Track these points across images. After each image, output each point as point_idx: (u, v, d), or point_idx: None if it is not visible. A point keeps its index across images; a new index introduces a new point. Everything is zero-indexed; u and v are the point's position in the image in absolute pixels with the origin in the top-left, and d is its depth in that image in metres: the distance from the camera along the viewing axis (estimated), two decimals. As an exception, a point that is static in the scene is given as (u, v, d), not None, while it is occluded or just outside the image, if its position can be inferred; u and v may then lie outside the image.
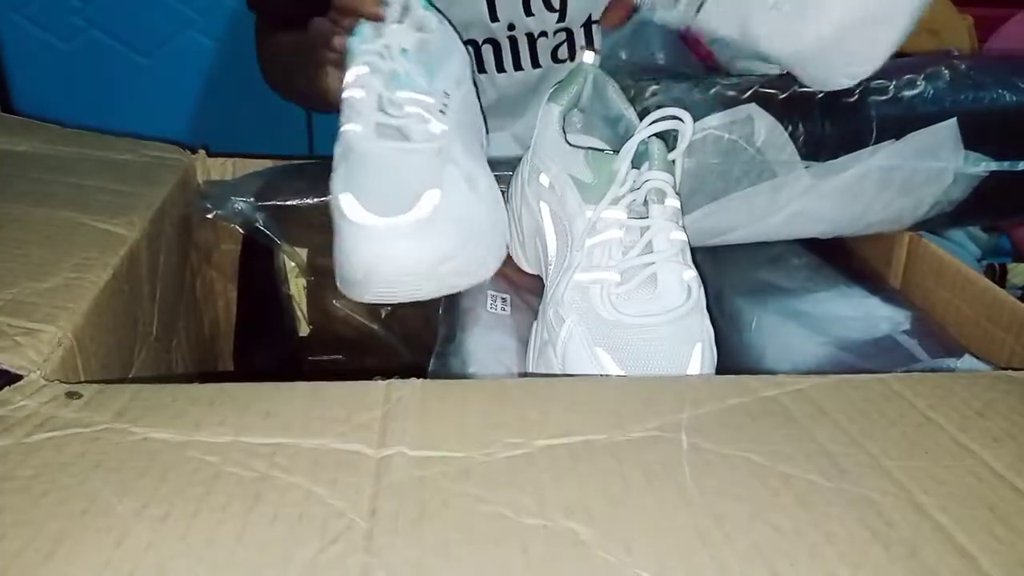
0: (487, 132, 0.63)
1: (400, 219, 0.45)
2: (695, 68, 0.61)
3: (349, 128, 0.50)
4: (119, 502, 0.27)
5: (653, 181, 0.46)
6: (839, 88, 0.53)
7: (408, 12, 0.56)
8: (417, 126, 0.51)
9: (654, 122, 0.47)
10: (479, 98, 0.63)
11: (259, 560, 0.25)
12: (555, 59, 0.84)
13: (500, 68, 0.85)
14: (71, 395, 0.33)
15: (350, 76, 0.52)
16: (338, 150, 0.50)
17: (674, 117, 0.47)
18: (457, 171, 0.50)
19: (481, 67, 0.85)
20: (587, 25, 0.83)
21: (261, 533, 0.26)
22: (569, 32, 0.83)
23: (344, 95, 0.52)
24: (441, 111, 0.53)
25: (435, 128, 0.51)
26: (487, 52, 0.84)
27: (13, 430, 0.31)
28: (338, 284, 0.50)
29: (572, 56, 0.85)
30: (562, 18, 0.81)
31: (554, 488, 0.29)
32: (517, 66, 0.85)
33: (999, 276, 0.83)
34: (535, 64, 0.85)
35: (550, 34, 0.82)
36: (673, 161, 0.48)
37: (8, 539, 0.25)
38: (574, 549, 0.26)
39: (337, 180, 0.48)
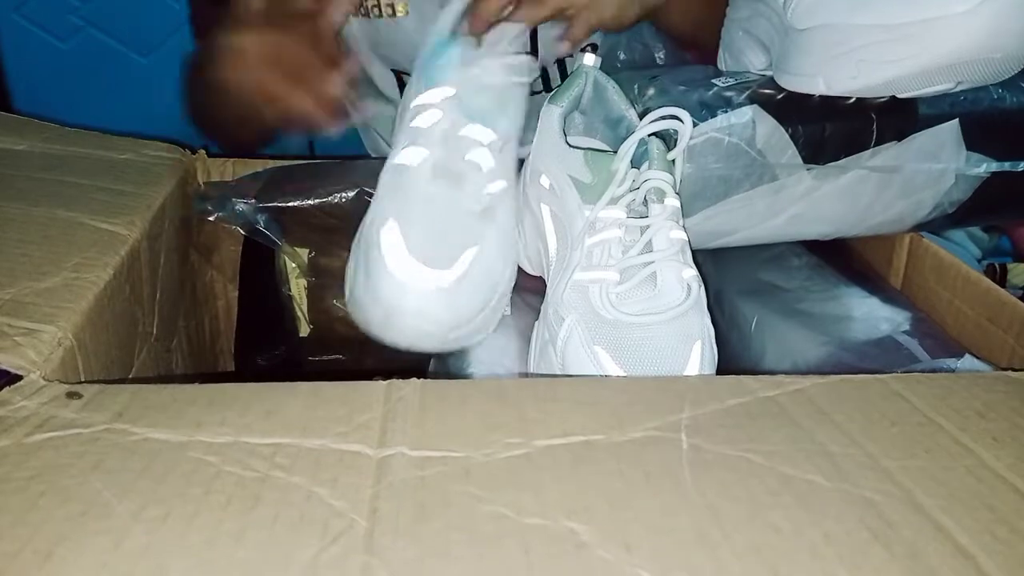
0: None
1: (441, 274, 0.45)
2: (694, 69, 0.61)
3: (407, 161, 0.50)
4: (118, 503, 0.27)
5: (652, 180, 0.46)
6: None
7: (509, 45, 0.56)
8: (474, 176, 0.50)
9: (653, 121, 0.47)
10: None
11: (259, 560, 0.25)
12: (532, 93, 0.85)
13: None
14: (71, 395, 0.33)
15: (426, 96, 0.52)
16: (387, 177, 0.50)
17: (673, 117, 0.47)
18: (497, 232, 0.50)
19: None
20: (561, 64, 0.84)
21: (261, 533, 0.26)
22: (543, 71, 0.84)
23: (412, 114, 0.52)
24: (499, 155, 0.52)
25: (491, 188, 0.51)
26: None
27: (12, 430, 0.31)
28: (348, 302, 0.49)
29: (547, 88, 0.86)
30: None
31: (554, 488, 0.29)
32: None
33: (999, 276, 0.83)
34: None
35: None
36: (673, 161, 0.48)
37: (6, 540, 0.25)
38: (574, 549, 0.26)
39: (381, 209, 0.48)
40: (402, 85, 0.87)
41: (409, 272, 0.45)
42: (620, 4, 0.65)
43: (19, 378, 0.35)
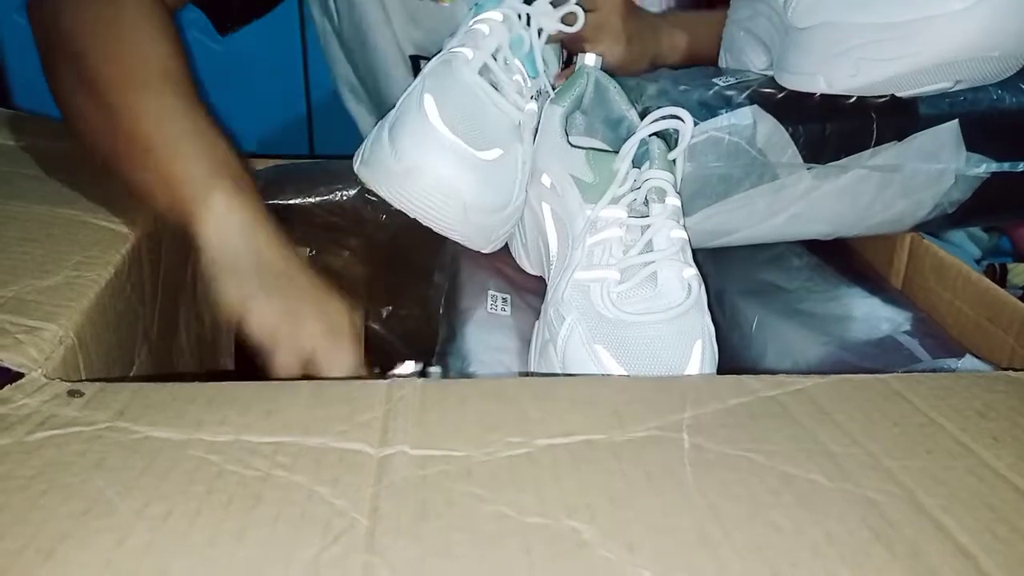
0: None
1: (470, 148, 0.47)
2: (694, 69, 0.61)
3: (461, 50, 0.52)
4: (120, 501, 0.27)
5: (653, 180, 0.46)
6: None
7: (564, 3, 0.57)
8: (514, 91, 0.52)
9: (654, 121, 0.47)
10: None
11: (261, 559, 0.25)
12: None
13: None
14: (73, 393, 0.33)
15: (485, 13, 0.54)
16: (436, 63, 0.52)
17: (674, 116, 0.47)
18: (521, 152, 0.52)
19: None
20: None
21: (263, 532, 0.26)
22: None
23: (470, 23, 0.54)
24: (533, 100, 0.54)
25: (527, 107, 0.53)
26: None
27: (14, 428, 0.31)
28: (357, 165, 0.52)
29: None
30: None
31: (555, 487, 0.29)
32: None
33: (999, 276, 0.83)
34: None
35: None
36: (673, 160, 0.48)
37: (9, 538, 0.25)
38: (576, 548, 0.26)
39: (426, 81, 0.50)
40: (416, 71, 0.86)
41: (442, 136, 0.47)
42: (625, 57, 0.65)
43: (20, 376, 0.35)
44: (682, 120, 0.47)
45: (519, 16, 0.54)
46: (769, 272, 0.62)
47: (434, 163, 0.48)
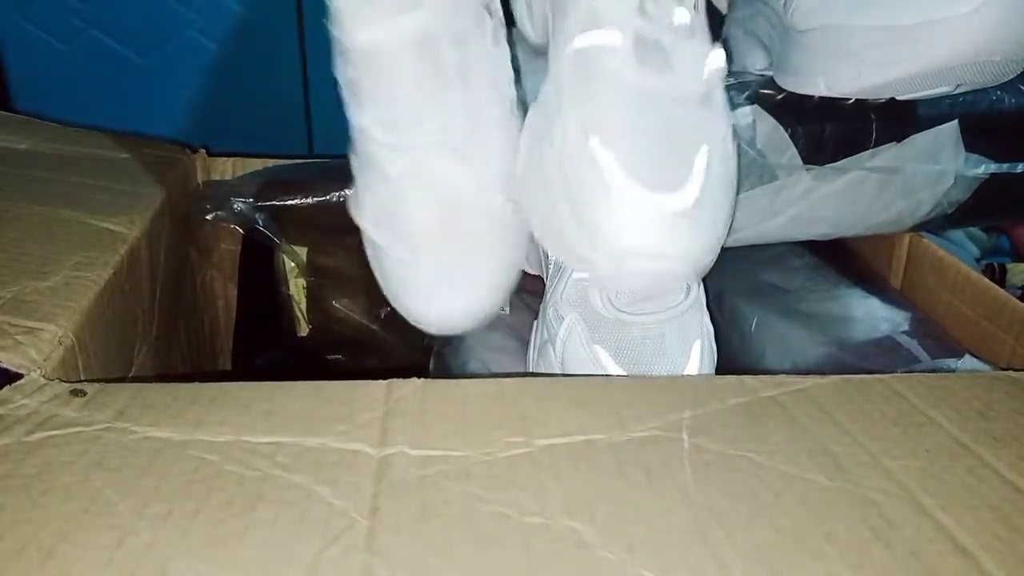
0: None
1: (676, 197, 0.35)
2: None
3: (599, 42, 0.38)
4: (120, 501, 0.27)
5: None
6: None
7: None
8: (685, 46, 0.38)
9: None
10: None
11: (261, 559, 0.25)
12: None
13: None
14: (76, 392, 0.33)
15: None
16: (573, 71, 0.38)
17: None
18: (723, 121, 0.39)
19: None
20: None
21: (263, 532, 0.26)
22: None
23: None
24: (696, 13, 0.40)
25: (709, 61, 0.39)
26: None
27: (13, 429, 0.31)
28: (548, 241, 0.40)
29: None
30: None
31: (555, 487, 0.29)
32: None
33: (999, 276, 0.83)
34: None
35: None
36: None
37: (8, 538, 0.25)
38: (576, 548, 0.26)
39: (576, 118, 0.37)
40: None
41: (641, 202, 0.35)
42: None
43: (20, 377, 0.35)
44: None
45: None
46: (769, 272, 0.62)
47: (644, 240, 0.36)
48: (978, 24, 0.46)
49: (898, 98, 0.52)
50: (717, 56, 0.39)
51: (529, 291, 0.58)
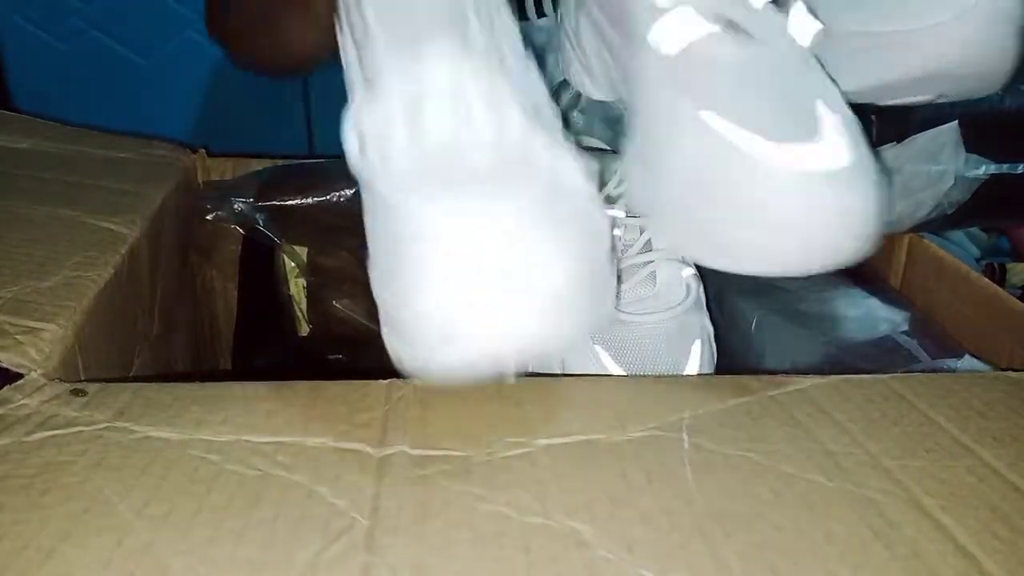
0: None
1: (817, 147, 0.32)
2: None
3: (690, 37, 0.36)
4: (120, 501, 0.27)
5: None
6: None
7: None
8: (768, 24, 0.37)
9: None
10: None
11: (261, 559, 0.25)
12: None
13: (523, 16, 0.82)
14: (76, 392, 0.33)
15: None
16: (674, 68, 0.36)
17: None
18: (826, 79, 0.37)
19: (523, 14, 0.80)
20: None
21: (263, 532, 0.26)
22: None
23: None
24: None
25: (781, 19, 0.37)
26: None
27: (13, 429, 0.31)
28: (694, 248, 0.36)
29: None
30: None
31: (555, 487, 0.29)
32: (540, 12, 0.82)
33: (998, 276, 0.83)
34: (556, 7, 0.82)
35: None
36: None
37: (9, 538, 0.25)
38: (576, 548, 0.26)
39: (689, 99, 0.34)
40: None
41: (781, 160, 0.31)
42: None
43: (20, 376, 0.35)
44: None
45: None
46: (768, 272, 0.62)
47: (806, 202, 0.32)
48: (957, 34, 0.45)
49: (878, 105, 0.52)
50: (804, 19, 0.38)
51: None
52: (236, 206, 0.63)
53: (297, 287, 0.69)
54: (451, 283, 0.29)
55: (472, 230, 0.30)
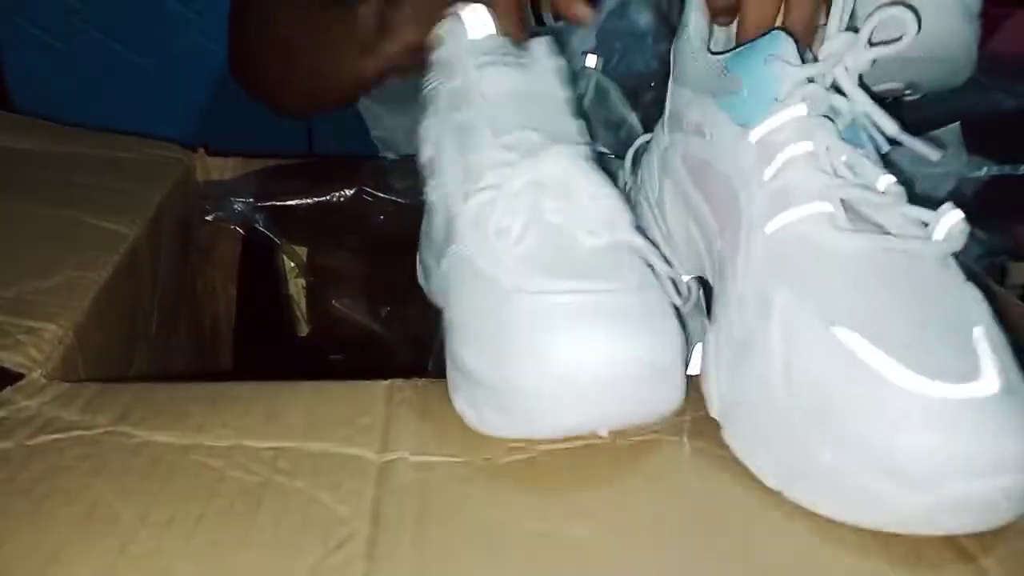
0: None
1: (978, 385, 0.27)
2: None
3: (805, 211, 0.32)
4: (122, 507, 0.27)
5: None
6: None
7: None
8: (896, 212, 0.32)
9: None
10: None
11: (262, 565, 0.25)
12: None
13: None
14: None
15: (773, 121, 0.34)
16: (774, 258, 0.32)
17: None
18: (973, 289, 0.32)
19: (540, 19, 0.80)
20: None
21: (264, 538, 0.26)
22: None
23: (775, 152, 0.33)
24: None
25: (922, 213, 0.32)
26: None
27: (15, 432, 0.31)
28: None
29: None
30: None
31: (556, 492, 0.29)
32: (539, 21, 0.83)
33: (998, 276, 0.83)
34: (556, 17, 0.82)
35: None
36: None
37: (11, 543, 0.25)
38: (576, 552, 0.26)
39: (807, 303, 0.30)
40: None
41: (936, 400, 0.26)
42: None
43: (20, 376, 0.35)
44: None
45: (822, 83, 0.35)
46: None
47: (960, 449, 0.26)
48: None
49: None
50: (951, 215, 0.31)
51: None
52: (236, 206, 0.63)
53: (297, 287, 0.69)
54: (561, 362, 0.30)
55: (582, 313, 0.30)
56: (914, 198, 0.33)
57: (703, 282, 0.46)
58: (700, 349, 0.43)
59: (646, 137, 0.47)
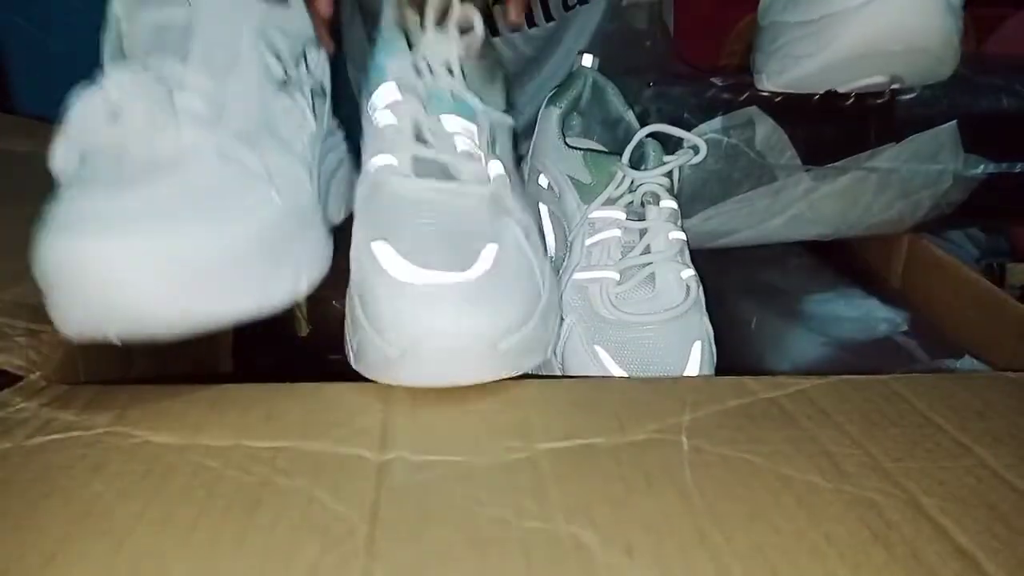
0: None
1: (456, 276, 0.35)
2: (693, 71, 0.61)
3: (378, 161, 0.42)
4: (120, 506, 0.27)
5: (648, 184, 0.46)
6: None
7: (450, 12, 0.45)
8: (467, 165, 0.41)
9: (681, 152, 0.47)
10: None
11: (261, 565, 0.25)
12: (566, 8, 0.84)
13: (513, 28, 0.84)
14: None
15: (377, 98, 0.44)
16: (362, 189, 0.42)
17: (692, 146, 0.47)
18: (515, 225, 0.41)
19: (494, 30, 0.84)
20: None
21: (262, 538, 0.26)
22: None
23: (372, 120, 0.44)
24: (491, 145, 0.44)
25: (490, 169, 0.42)
26: (498, 14, 0.82)
27: (13, 432, 0.31)
28: (362, 362, 0.37)
29: (583, 1, 0.84)
30: None
31: (555, 491, 0.29)
32: (531, 23, 0.84)
33: (998, 276, 0.83)
34: (548, 18, 0.84)
35: None
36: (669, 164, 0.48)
37: (9, 542, 0.25)
38: (575, 552, 0.26)
39: (364, 225, 0.40)
40: None
41: (417, 287, 0.35)
42: None
43: (19, 379, 0.35)
44: (695, 150, 0.47)
45: (416, 71, 0.44)
46: (768, 273, 0.63)
47: (429, 323, 0.35)
48: (870, 16, 0.48)
49: (840, 91, 0.54)
50: (495, 165, 0.43)
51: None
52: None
53: (297, 288, 0.69)
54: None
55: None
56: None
57: (702, 280, 0.46)
58: (699, 347, 0.43)
59: (644, 132, 0.47)
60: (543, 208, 0.53)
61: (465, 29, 0.45)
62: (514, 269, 0.38)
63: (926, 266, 0.61)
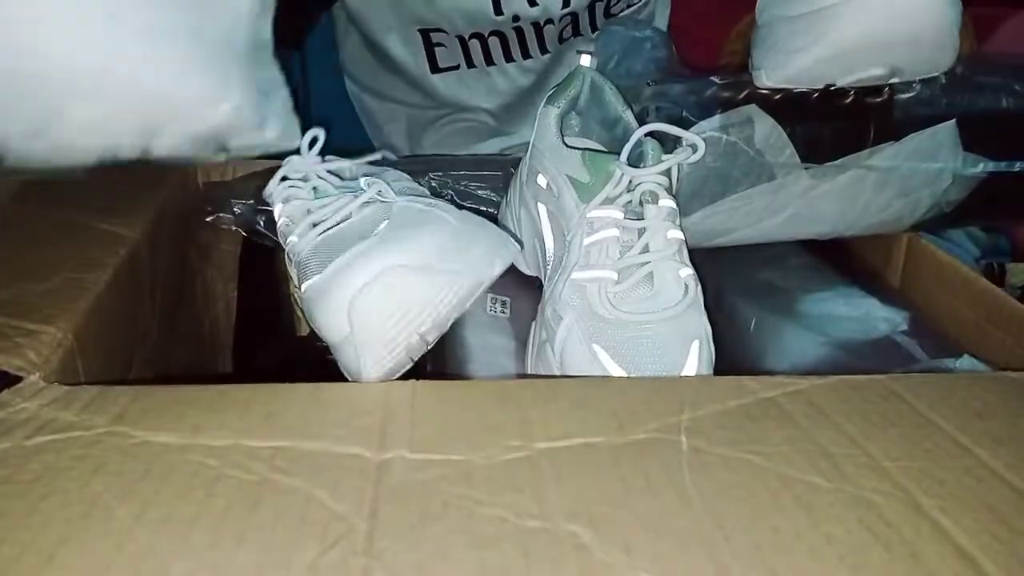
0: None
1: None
2: (686, 71, 0.61)
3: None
4: (119, 505, 0.27)
5: (646, 183, 0.46)
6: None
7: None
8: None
9: (678, 150, 0.47)
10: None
11: (260, 563, 0.25)
12: (561, 41, 0.84)
13: (508, 58, 0.84)
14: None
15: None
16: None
17: (690, 145, 0.47)
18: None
19: (490, 59, 0.84)
20: (591, 6, 0.83)
21: (262, 536, 0.26)
22: (574, 15, 0.83)
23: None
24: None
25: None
26: (494, 44, 0.83)
27: (13, 433, 0.31)
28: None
29: (576, 34, 0.85)
30: (567, 3, 0.81)
31: (554, 490, 0.29)
32: (525, 55, 0.85)
33: (998, 276, 0.83)
34: (543, 51, 0.85)
35: (556, 21, 0.82)
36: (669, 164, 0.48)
37: (8, 543, 0.25)
38: (574, 551, 0.26)
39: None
40: (429, 48, 0.84)
41: None
42: None
43: (19, 379, 0.35)
44: (693, 149, 0.47)
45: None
46: (767, 272, 0.62)
47: None
48: (854, 9, 0.50)
49: (839, 84, 0.54)
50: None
51: (528, 294, 0.58)
52: (236, 208, 0.63)
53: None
54: None
55: None
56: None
57: (701, 279, 0.46)
58: (698, 346, 0.43)
59: (642, 131, 0.47)
60: (542, 208, 0.53)
61: None
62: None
63: (925, 265, 0.61)
